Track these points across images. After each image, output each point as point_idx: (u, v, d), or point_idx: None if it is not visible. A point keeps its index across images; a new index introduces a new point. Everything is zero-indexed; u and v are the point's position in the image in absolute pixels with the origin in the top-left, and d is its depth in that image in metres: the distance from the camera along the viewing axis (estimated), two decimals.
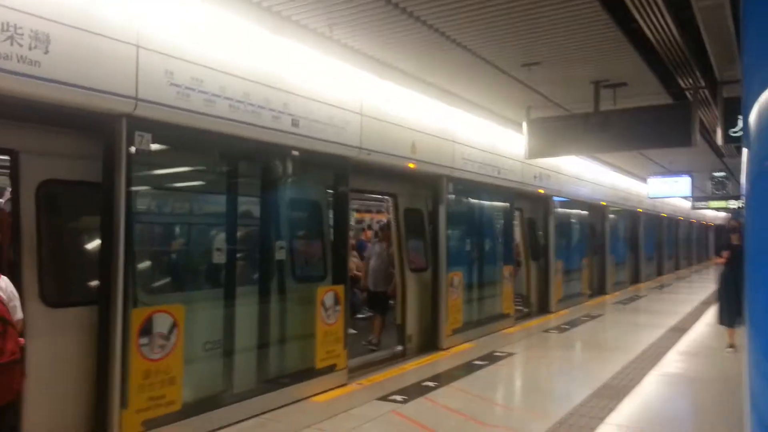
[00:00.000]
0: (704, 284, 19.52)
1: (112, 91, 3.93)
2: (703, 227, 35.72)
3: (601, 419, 4.97)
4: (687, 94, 7.81)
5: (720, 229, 39.79)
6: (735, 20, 5.49)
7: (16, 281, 3.55)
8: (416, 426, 4.83)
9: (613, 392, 5.80)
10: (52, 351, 3.96)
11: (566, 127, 7.70)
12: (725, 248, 7.99)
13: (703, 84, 7.39)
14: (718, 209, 27.26)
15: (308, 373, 5.64)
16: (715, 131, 9.86)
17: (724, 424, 4.88)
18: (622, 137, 7.46)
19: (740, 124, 7.20)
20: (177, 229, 5.10)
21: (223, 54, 4.72)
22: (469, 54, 6.21)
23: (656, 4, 4.96)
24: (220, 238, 4.98)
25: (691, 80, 7.29)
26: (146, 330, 4.14)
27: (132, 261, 4.15)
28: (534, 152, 8.16)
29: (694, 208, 25.10)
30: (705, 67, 6.93)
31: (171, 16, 4.35)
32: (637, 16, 5.25)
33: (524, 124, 8.11)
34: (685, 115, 7.26)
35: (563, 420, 4.95)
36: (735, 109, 7.28)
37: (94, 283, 4.19)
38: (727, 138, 7.24)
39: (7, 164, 4.01)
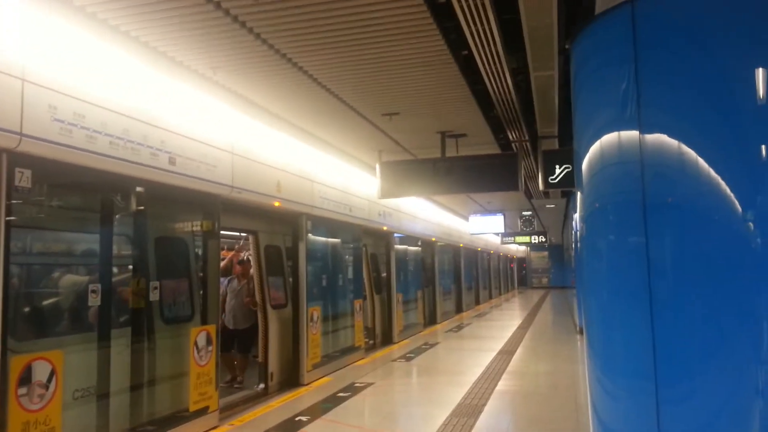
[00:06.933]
0: (514, 311, 21.83)
1: None
2: (507, 260, 39.76)
3: None
4: (513, 145, 9.03)
5: (521, 261, 44.67)
6: (559, 88, 6.64)
7: None
8: None
9: (468, 411, 6.45)
10: None
11: (417, 170, 8.46)
12: None
13: (526, 137, 8.63)
14: (521, 244, 30.75)
15: (183, 416, 5.51)
16: (532, 178, 11.42)
17: (565, 428, 5.72)
18: (463, 181, 8.38)
19: (557, 172, 8.52)
20: (54, 271, 4.78)
21: (104, 89, 4.62)
22: (336, 100, 6.67)
23: (502, 71, 5.84)
24: (95, 279, 4.76)
25: (517, 134, 8.47)
26: (25, 379, 3.86)
27: (9, 306, 3.86)
28: (386, 192, 8.79)
29: (502, 242, 27.96)
30: (528, 124, 8.14)
31: (54, 49, 4.20)
32: (486, 80, 6.12)
33: (377, 167, 8.73)
34: (513, 164, 8.40)
35: None
36: (552, 159, 8.60)
37: None
38: (547, 184, 8.49)
39: None
